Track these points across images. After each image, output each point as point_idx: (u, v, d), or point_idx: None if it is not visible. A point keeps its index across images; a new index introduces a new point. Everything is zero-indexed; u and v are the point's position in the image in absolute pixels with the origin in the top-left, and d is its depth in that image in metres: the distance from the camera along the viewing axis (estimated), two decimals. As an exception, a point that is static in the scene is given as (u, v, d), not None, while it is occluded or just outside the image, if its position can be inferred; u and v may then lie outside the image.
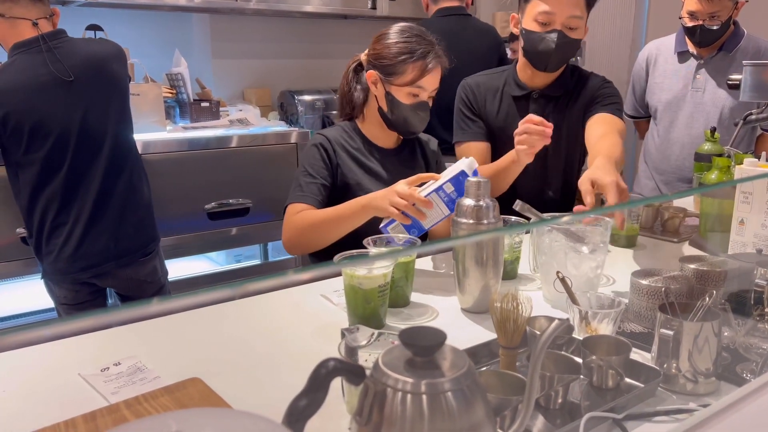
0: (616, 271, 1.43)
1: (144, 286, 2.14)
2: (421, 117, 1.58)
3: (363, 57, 1.63)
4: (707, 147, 1.99)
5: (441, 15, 2.82)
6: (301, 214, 1.47)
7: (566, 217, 1.45)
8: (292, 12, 3.27)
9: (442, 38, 1.61)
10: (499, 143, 1.79)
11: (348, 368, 0.58)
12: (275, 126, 2.93)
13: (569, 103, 1.78)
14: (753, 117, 2.06)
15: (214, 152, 2.64)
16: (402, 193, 1.29)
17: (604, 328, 1.05)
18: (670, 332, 0.90)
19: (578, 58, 3.60)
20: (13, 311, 2.37)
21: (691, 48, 2.38)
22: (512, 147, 1.59)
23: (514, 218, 1.42)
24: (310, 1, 3.22)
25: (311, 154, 1.58)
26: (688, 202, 2.03)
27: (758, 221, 1.43)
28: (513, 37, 3.21)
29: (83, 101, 1.90)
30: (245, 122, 2.90)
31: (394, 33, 1.56)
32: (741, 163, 1.53)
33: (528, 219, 1.32)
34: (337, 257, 1.12)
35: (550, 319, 1.03)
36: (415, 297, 1.28)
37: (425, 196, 1.30)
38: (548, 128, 1.46)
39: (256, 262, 2.94)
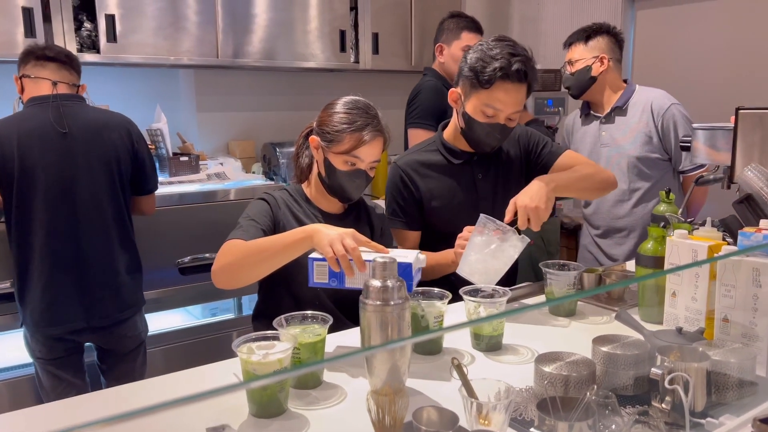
0: (542, 344, 1.40)
1: (124, 341, 2.20)
2: (357, 184, 1.62)
3: (314, 124, 1.67)
4: (663, 208, 1.97)
5: None
6: (237, 243, 1.46)
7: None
8: (277, 68, 3.34)
9: None
10: (445, 213, 1.82)
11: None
12: (251, 180, 2.97)
13: (502, 157, 1.88)
14: (711, 178, 2.06)
15: (188, 207, 2.68)
16: (347, 245, 1.30)
17: (497, 417, 1.03)
18: (538, 433, 0.88)
19: (560, 109, 3.61)
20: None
21: (594, 110, 2.52)
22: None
23: (437, 290, 1.43)
24: (294, 57, 3.30)
25: (256, 205, 1.62)
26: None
27: (689, 294, 1.42)
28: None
29: (75, 160, 2.02)
30: (222, 176, 2.95)
31: (341, 104, 1.62)
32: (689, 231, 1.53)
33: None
34: (235, 343, 1.13)
35: (439, 410, 1.02)
36: (330, 376, 1.28)
37: (365, 261, 1.31)
38: None
39: (231, 316, 2.95)
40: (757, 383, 1.14)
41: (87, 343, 2.19)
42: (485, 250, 1.53)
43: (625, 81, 2.48)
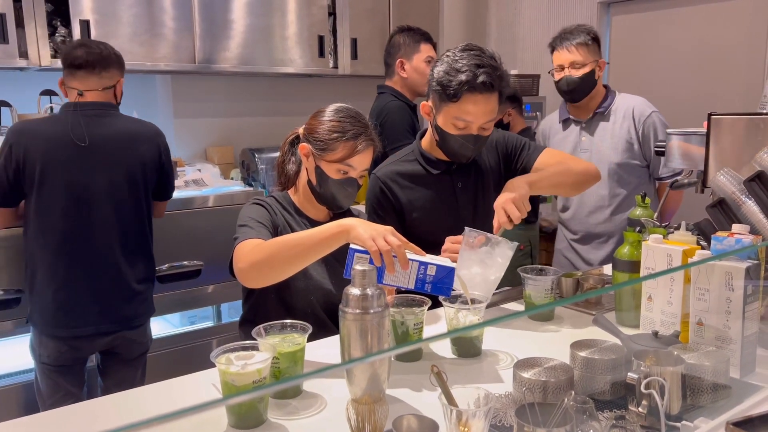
0: (521, 349, 1.41)
1: (133, 346, 2.23)
2: (349, 193, 1.61)
3: (301, 131, 1.66)
4: (638, 212, 2.00)
5: None
6: (262, 242, 1.42)
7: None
8: (255, 73, 3.33)
9: None
10: (426, 223, 1.80)
11: None
12: (230, 186, 2.95)
13: (481, 165, 1.85)
14: (686, 182, 2.09)
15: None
16: (391, 241, 1.27)
17: (476, 424, 1.04)
18: (517, 440, 0.89)
19: (538, 113, 3.65)
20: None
21: (573, 115, 2.51)
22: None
23: (416, 297, 1.43)
24: (272, 62, 3.28)
25: (255, 210, 1.59)
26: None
27: (664, 297, 1.44)
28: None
29: (100, 169, 2.06)
30: (200, 183, 2.93)
31: (330, 111, 1.61)
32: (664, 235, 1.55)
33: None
34: (214, 353, 1.12)
35: (419, 418, 1.02)
36: (310, 385, 1.27)
37: (408, 260, 1.30)
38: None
39: (210, 324, 2.93)
40: (730, 386, 1.16)
41: (92, 354, 2.22)
42: (481, 262, 1.51)
43: (604, 86, 2.50)
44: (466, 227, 1.53)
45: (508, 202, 1.57)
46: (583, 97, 2.41)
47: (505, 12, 4.40)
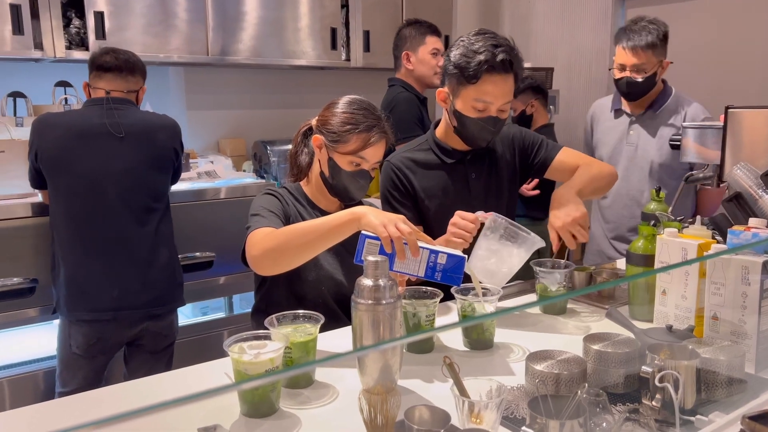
0: (533, 342, 1.41)
1: (159, 339, 2.28)
2: (361, 185, 1.61)
3: (314, 122, 1.66)
4: (653, 206, 1.98)
5: None
6: (274, 230, 1.43)
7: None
8: (268, 65, 3.33)
9: None
10: (437, 212, 1.79)
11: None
12: (242, 178, 2.96)
13: (495, 157, 1.84)
14: (700, 176, 2.07)
15: (178, 206, 2.66)
16: (402, 228, 1.27)
17: (488, 416, 1.03)
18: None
19: (552, 107, 3.62)
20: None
21: (625, 106, 2.45)
22: (450, 212, 1.63)
23: (429, 289, 1.43)
24: (285, 54, 3.29)
25: (267, 199, 1.60)
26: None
27: (678, 292, 1.43)
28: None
29: (122, 157, 2.14)
30: (213, 175, 2.94)
31: (343, 103, 1.61)
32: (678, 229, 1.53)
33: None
34: (226, 342, 1.12)
35: (431, 409, 1.02)
36: (322, 375, 1.27)
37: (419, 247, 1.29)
38: (482, 219, 1.53)
39: (222, 315, 2.95)
40: (746, 381, 1.15)
41: (120, 347, 2.26)
42: (500, 252, 1.49)
43: (663, 81, 2.40)
44: (494, 213, 1.52)
45: (575, 224, 1.57)
46: (641, 97, 2.35)
47: (519, 5, 4.37)
